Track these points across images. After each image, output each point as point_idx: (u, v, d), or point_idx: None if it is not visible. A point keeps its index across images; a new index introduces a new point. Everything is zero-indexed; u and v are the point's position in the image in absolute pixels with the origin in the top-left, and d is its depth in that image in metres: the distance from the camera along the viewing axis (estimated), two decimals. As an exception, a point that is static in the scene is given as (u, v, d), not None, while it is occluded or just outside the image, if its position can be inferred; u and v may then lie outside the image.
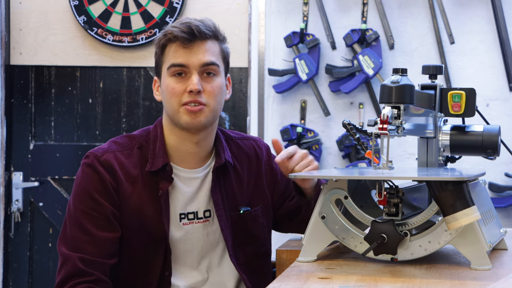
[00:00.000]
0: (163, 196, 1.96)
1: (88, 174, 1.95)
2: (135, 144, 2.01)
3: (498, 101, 3.65)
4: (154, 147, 1.99)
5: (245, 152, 2.13)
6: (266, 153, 2.16)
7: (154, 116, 3.72)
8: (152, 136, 2.02)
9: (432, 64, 2.00)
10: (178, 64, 1.94)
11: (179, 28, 1.94)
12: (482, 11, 3.65)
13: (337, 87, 3.72)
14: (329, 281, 1.55)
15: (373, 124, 1.68)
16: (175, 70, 1.95)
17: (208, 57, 1.95)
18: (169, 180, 1.97)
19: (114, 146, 1.99)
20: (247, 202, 2.08)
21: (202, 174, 2.03)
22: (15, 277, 3.76)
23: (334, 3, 3.78)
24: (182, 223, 2.00)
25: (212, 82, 1.97)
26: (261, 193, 2.10)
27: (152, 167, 1.96)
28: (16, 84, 3.75)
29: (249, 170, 2.11)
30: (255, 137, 2.22)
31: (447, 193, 1.63)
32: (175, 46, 1.95)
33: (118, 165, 1.95)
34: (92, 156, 1.96)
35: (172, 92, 1.95)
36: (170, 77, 1.96)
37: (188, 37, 1.94)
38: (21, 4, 3.74)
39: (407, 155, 3.71)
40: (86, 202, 1.92)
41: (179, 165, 2.01)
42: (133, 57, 3.72)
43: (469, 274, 1.60)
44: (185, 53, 1.94)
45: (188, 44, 1.94)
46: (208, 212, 2.03)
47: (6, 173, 3.72)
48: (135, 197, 1.95)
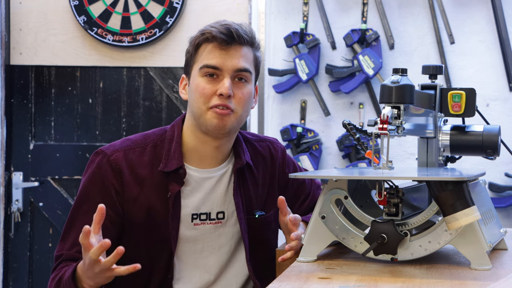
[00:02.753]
0: (172, 197, 1.93)
1: (94, 177, 1.93)
2: (149, 143, 1.97)
3: (498, 101, 3.65)
4: (170, 148, 1.95)
5: (261, 154, 2.09)
6: (281, 155, 2.12)
7: (154, 116, 3.72)
8: (169, 136, 1.98)
9: (432, 64, 2.00)
10: (212, 66, 1.90)
11: (218, 29, 1.91)
12: (482, 11, 3.65)
13: (337, 87, 3.73)
14: (329, 281, 1.55)
15: (373, 124, 1.68)
16: (207, 71, 1.91)
17: (243, 63, 1.92)
18: (180, 183, 1.94)
19: (127, 143, 1.97)
20: (261, 206, 2.05)
21: (217, 174, 2.00)
22: (15, 277, 3.76)
23: (334, 3, 3.78)
24: (194, 223, 1.97)
25: (243, 88, 1.93)
26: (275, 198, 2.04)
27: (165, 167, 1.93)
28: (16, 84, 3.75)
29: (264, 173, 2.08)
30: (272, 138, 2.18)
31: (447, 193, 1.63)
32: (211, 47, 1.91)
33: (126, 165, 1.93)
34: (102, 154, 1.94)
35: (201, 92, 1.90)
36: (201, 77, 1.92)
37: (226, 39, 1.90)
38: (21, 4, 3.74)
39: (407, 155, 3.71)
40: (88, 204, 1.91)
41: (194, 165, 1.98)
42: (133, 57, 3.72)
43: (469, 274, 1.61)
44: (220, 55, 1.91)
45: (225, 46, 1.90)
46: (222, 214, 2.00)
47: (6, 173, 3.72)
48: (142, 198, 1.93)
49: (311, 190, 2.16)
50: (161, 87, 3.71)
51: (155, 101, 3.73)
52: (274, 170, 2.10)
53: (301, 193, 2.14)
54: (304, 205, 2.14)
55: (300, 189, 2.14)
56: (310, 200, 2.15)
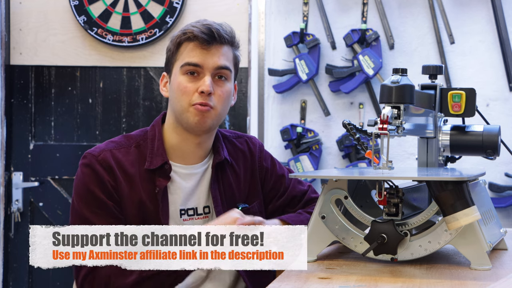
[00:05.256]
0: (160, 192, 1.96)
1: (87, 174, 1.95)
2: (132, 143, 2.02)
3: (498, 101, 3.65)
4: (153, 146, 2.00)
5: (240, 150, 2.15)
6: (259, 150, 2.18)
7: (154, 116, 3.71)
8: (150, 135, 2.03)
9: (432, 64, 2.00)
10: (193, 63, 1.95)
11: (199, 28, 1.96)
12: (482, 11, 3.65)
13: (337, 87, 3.73)
14: (329, 281, 1.55)
15: (373, 124, 1.68)
16: (188, 69, 1.96)
17: (223, 61, 1.97)
18: (166, 178, 1.98)
19: (111, 145, 2.01)
20: (244, 199, 2.10)
21: (200, 170, 2.04)
22: (15, 277, 3.76)
23: (334, 3, 3.78)
24: (183, 219, 2.01)
25: (222, 86, 1.98)
26: (257, 190, 2.12)
27: (150, 165, 1.97)
28: (16, 84, 3.75)
29: (245, 167, 2.13)
30: (249, 135, 2.24)
31: (447, 193, 1.63)
32: (192, 45, 1.96)
33: (115, 163, 1.96)
34: (90, 156, 1.97)
35: (183, 90, 1.95)
36: (183, 75, 1.97)
37: (207, 38, 1.95)
38: (21, 4, 3.74)
39: (407, 155, 3.71)
40: (91, 202, 1.92)
41: (177, 162, 2.02)
42: (133, 57, 3.72)
43: (469, 274, 1.61)
44: (201, 53, 1.95)
45: (206, 45, 1.95)
46: (208, 208, 2.04)
47: (6, 173, 3.72)
48: (133, 195, 1.96)
49: (290, 183, 2.19)
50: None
51: (155, 101, 3.73)
52: (254, 164, 2.15)
53: (280, 185, 2.18)
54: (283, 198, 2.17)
55: (279, 182, 2.17)
56: (290, 192, 2.18)
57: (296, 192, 2.17)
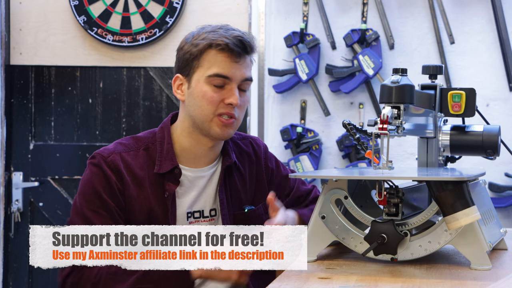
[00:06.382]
0: (169, 197, 1.96)
1: (95, 174, 1.94)
2: (141, 146, 2.01)
3: (498, 101, 3.65)
4: (162, 149, 1.99)
5: (246, 152, 2.15)
6: (264, 151, 2.18)
7: (154, 116, 3.72)
8: (159, 138, 2.01)
9: (432, 64, 2.00)
10: (224, 76, 1.94)
11: (231, 40, 1.94)
12: (482, 11, 3.66)
13: (337, 87, 3.73)
14: (329, 281, 1.55)
15: (373, 124, 1.68)
16: (218, 81, 1.94)
17: (249, 72, 1.99)
18: (176, 182, 1.97)
19: (120, 147, 1.99)
20: (251, 201, 2.10)
21: (208, 173, 2.04)
22: (15, 277, 3.76)
23: (334, 3, 3.78)
24: (189, 221, 2.01)
25: (244, 96, 1.99)
26: (263, 191, 2.12)
27: (160, 169, 1.96)
28: (16, 84, 3.75)
29: (251, 169, 2.13)
30: (253, 136, 2.24)
31: (447, 193, 1.63)
32: (222, 56, 1.94)
33: (124, 166, 1.95)
34: (99, 157, 1.96)
35: (209, 100, 1.94)
36: (209, 85, 1.94)
37: (240, 51, 1.95)
38: (21, 4, 3.74)
39: (407, 155, 3.71)
40: (94, 201, 1.92)
41: (187, 165, 2.01)
42: (133, 57, 3.72)
43: (469, 274, 1.61)
44: (232, 66, 1.94)
45: (237, 58, 1.95)
46: (214, 211, 2.04)
47: (6, 173, 3.72)
48: (141, 198, 1.95)
49: (295, 184, 2.20)
50: (161, 87, 3.71)
51: (155, 101, 3.73)
52: (260, 166, 2.15)
53: (286, 186, 2.18)
54: (288, 198, 2.17)
55: (284, 182, 2.18)
56: (294, 193, 2.19)
57: (301, 192, 2.19)
